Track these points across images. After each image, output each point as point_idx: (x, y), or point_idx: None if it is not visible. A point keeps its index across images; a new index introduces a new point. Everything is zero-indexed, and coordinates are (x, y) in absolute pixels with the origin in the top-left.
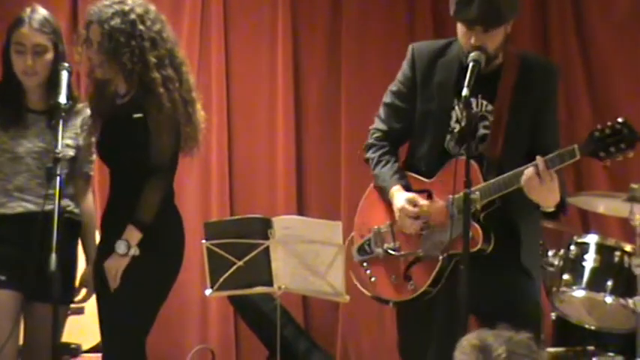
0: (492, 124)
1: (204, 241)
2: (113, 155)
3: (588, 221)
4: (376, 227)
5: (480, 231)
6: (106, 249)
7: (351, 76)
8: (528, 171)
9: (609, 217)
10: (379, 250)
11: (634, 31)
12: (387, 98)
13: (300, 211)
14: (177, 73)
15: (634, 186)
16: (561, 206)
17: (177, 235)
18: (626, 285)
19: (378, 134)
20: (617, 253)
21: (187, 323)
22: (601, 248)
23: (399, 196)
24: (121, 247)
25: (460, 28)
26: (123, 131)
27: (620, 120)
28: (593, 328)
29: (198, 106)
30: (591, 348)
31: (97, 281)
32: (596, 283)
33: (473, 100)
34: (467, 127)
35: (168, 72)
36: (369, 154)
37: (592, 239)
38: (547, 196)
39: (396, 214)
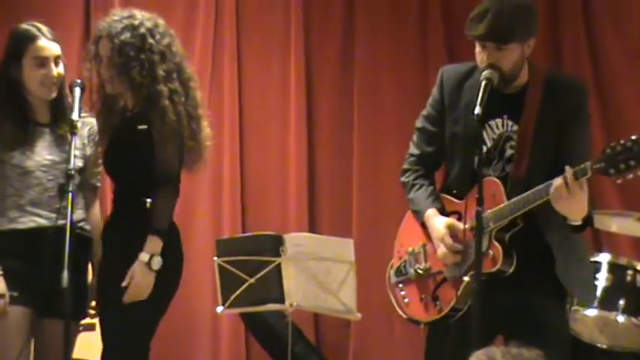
0: (518, 144)
1: (215, 257)
2: (117, 167)
3: (600, 240)
4: (411, 249)
5: (501, 251)
6: (108, 260)
7: (363, 92)
8: (556, 181)
9: (621, 235)
10: (412, 271)
11: None
12: (418, 123)
13: (312, 227)
14: (184, 88)
15: None
16: (588, 219)
17: (175, 247)
18: (639, 304)
19: (411, 159)
20: (630, 272)
21: (198, 340)
22: (613, 267)
23: (437, 222)
24: (154, 262)
25: (476, 47)
26: (127, 143)
27: (632, 137)
28: (605, 347)
29: (205, 123)
30: None
31: (99, 293)
32: (608, 302)
33: (499, 121)
34: (479, 145)
35: (176, 85)
36: (404, 179)
37: (604, 258)
38: (574, 208)
39: (436, 242)
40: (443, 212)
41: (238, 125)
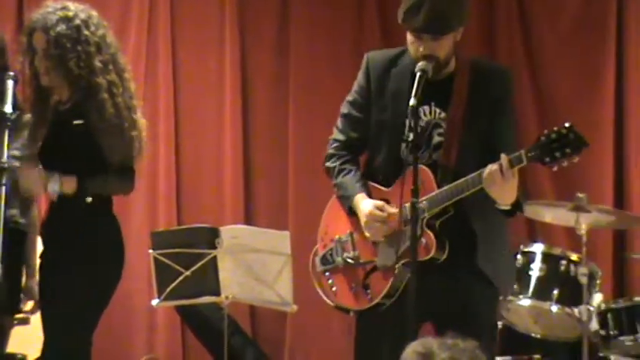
0: (446, 131)
1: (151, 250)
2: (54, 163)
3: (535, 230)
4: (337, 237)
5: (434, 238)
6: (48, 256)
7: (298, 84)
8: (491, 167)
9: (555, 226)
10: (339, 259)
11: (580, 38)
12: (344, 109)
13: (248, 220)
14: (120, 79)
15: (580, 195)
16: (517, 205)
17: (117, 241)
18: (572, 294)
19: (336, 144)
20: (563, 262)
21: (134, 332)
22: (547, 257)
23: (366, 203)
24: (51, 186)
25: (409, 37)
26: (62, 138)
27: (566, 125)
28: (539, 336)
29: (139, 113)
30: (537, 357)
31: (42, 288)
32: (542, 292)
33: (427, 108)
34: (415, 137)
35: (113, 77)
36: (329, 164)
37: (538, 248)
38: (506, 194)
39: (362, 220)
40: (370, 198)
41: (174, 117)
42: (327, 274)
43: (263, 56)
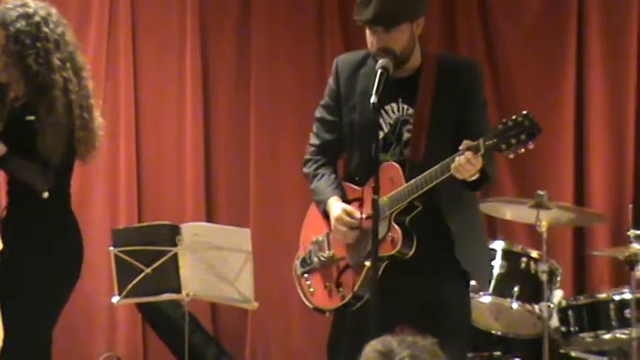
0: (413, 128)
1: (111, 248)
2: None
3: (495, 227)
4: (315, 238)
5: (401, 233)
6: (6, 255)
7: (260, 83)
8: (459, 159)
9: (516, 223)
10: (315, 259)
11: (541, 35)
12: (317, 113)
13: (209, 217)
14: (77, 77)
15: (540, 192)
16: (484, 175)
17: (75, 238)
18: (532, 291)
19: (312, 149)
20: (524, 259)
21: (94, 330)
22: (507, 254)
23: (336, 207)
24: None
25: (367, 32)
26: (15, 135)
27: (523, 112)
28: (499, 333)
29: (96, 113)
30: (498, 353)
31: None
32: (502, 289)
33: (394, 105)
34: (373, 134)
35: (69, 74)
36: (306, 170)
37: (499, 245)
38: (473, 173)
39: (332, 224)
40: (344, 200)
41: (134, 115)
42: (305, 275)
43: (224, 55)
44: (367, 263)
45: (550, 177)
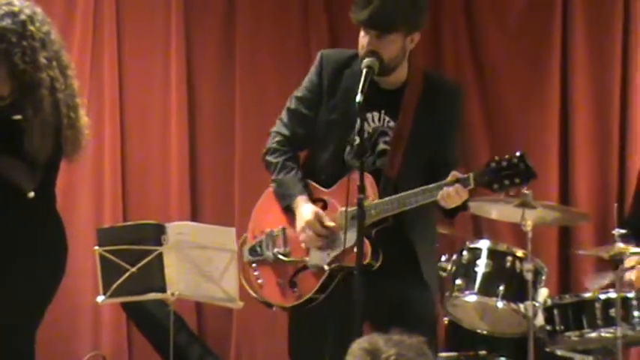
0: (392, 141)
1: (96, 247)
2: None
3: (480, 227)
4: (269, 230)
5: (370, 246)
6: None
7: (244, 80)
8: (448, 189)
9: (501, 222)
10: (269, 254)
11: (526, 35)
12: (291, 104)
13: (194, 216)
14: (63, 76)
15: (525, 192)
16: (464, 205)
17: (60, 238)
18: (518, 290)
19: (280, 138)
20: (509, 259)
21: (79, 330)
22: (493, 253)
23: (307, 208)
24: None
25: (360, 33)
26: (1, 134)
27: (517, 154)
28: (485, 332)
29: (82, 111)
30: (483, 352)
31: None
32: (487, 288)
33: (376, 115)
34: (360, 133)
35: (55, 73)
36: (272, 159)
37: (484, 245)
38: (456, 204)
39: (300, 225)
40: (311, 199)
41: (119, 114)
42: (254, 265)
43: (209, 53)
44: (326, 267)
45: None
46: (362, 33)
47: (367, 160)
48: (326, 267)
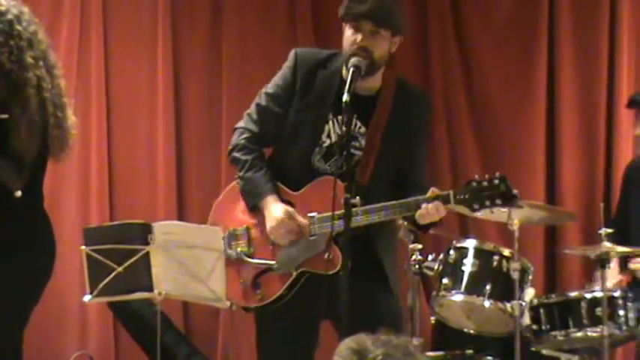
0: (365, 149)
1: (83, 246)
2: None
3: (467, 226)
4: (232, 228)
5: (340, 255)
6: None
7: (231, 79)
8: (428, 206)
9: (488, 222)
10: (232, 252)
11: (512, 39)
12: (262, 101)
13: (181, 216)
14: (50, 76)
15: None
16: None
17: (48, 237)
18: (504, 289)
19: (249, 135)
20: (496, 258)
21: (66, 329)
22: (479, 253)
23: (278, 207)
24: None
25: (347, 31)
26: None
27: (498, 175)
28: (472, 331)
29: (69, 111)
30: (470, 352)
31: None
32: (474, 287)
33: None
34: (345, 134)
35: (42, 73)
36: (240, 156)
37: (471, 244)
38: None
39: (271, 223)
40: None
41: (106, 114)
42: None
43: (196, 53)
44: (294, 272)
45: (522, 176)
46: (350, 31)
47: (337, 162)
48: (294, 271)
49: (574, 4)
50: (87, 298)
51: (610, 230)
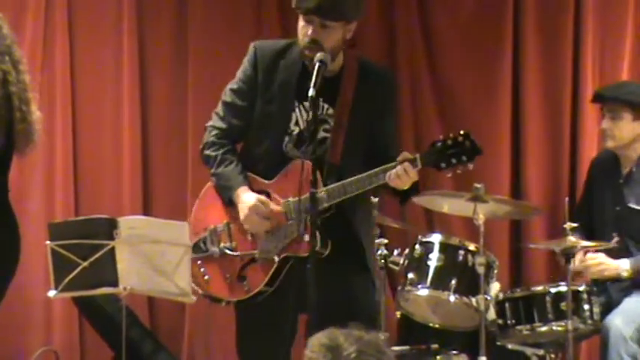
0: (333, 128)
1: (48, 242)
2: None
3: (433, 221)
4: (212, 226)
5: (318, 235)
6: None
7: (197, 72)
8: (398, 169)
9: (453, 216)
10: (215, 249)
11: (478, 31)
12: (226, 97)
13: (147, 211)
14: (15, 71)
15: (477, 185)
16: (415, 187)
17: (13, 231)
18: (470, 283)
19: (217, 132)
20: (461, 252)
21: (30, 325)
22: (445, 247)
23: (249, 196)
24: None
25: (300, 22)
26: None
27: (462, 132)
28: (437, 326)
29: (34, 106)
30: (435, 346)
31: None
32: (440, 282)
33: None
34: (312, 128)
35: (8, 67)
36: (210, 152)
37: (436, 238)
38: (406, 185)
39: (244, 212)
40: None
41: (71, 108)
42: (199, 262)
43: (161, 46)
44: (276, 258)
45: (487, 170)
46: (302, 23)
47: (307, 149)
48: (276, 258)
49: (539, 2)
50: (52, 293)
51: (575, 225)
